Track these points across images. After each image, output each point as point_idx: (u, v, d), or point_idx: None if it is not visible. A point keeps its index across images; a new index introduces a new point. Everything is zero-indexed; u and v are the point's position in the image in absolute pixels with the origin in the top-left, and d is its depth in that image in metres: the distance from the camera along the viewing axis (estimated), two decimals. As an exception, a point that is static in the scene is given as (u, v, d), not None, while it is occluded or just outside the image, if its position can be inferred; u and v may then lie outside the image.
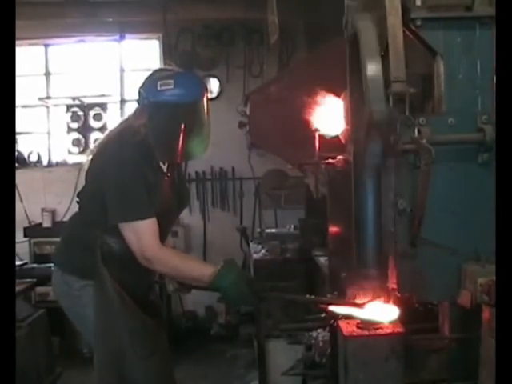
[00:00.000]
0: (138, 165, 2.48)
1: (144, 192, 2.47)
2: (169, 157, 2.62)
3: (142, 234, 2.45)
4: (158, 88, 2.46)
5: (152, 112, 2.50)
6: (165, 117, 2.48)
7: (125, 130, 2.59)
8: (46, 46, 6.61)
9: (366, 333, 1.88)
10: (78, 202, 2.76)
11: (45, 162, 6.57)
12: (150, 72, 2.60)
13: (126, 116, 2.69)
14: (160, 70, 2.64)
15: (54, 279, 2.75)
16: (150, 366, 2.55)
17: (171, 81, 2.46)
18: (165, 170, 2.66)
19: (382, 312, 1.92)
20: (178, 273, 2.52)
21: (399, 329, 1.89)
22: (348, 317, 1.99)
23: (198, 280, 2.46)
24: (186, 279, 2.55)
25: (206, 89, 2.62)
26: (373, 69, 1.68)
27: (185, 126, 2.50)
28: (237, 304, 2.46)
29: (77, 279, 2.62)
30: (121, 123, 2.70)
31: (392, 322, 1.91)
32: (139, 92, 2.55)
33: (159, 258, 2.47)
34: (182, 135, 2.51)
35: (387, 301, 1.93)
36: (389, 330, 1.89)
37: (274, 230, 5.49)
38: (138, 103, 2.58)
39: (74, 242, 2.69)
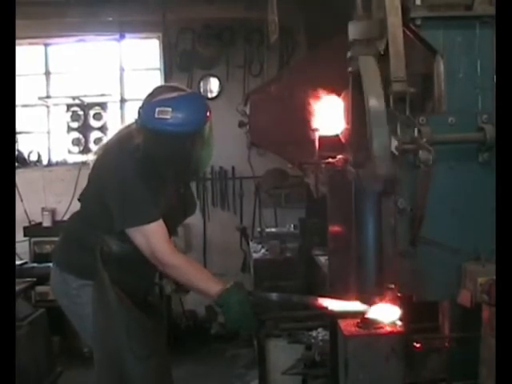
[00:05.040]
0: (140, 168, 2.48)
1: (147, 195, 2.46)
2: (167, 178, 2.60)
3: (151, 236, 2.44)
4: (156, 116, 2.37)
5: (149, 137, 2.44)
6: (161, 145, 2.43)
7: (127, 138, 2.56)
8: (46, 45, 6.61)
9: (367, 332, 1.88)
10: (79, 200, 2.76)
11: (45, 162, 6.57)
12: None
13: (131, 121, 2.65)
14: (161, 88, 2.56)
15: (53, 277, 2.75)
16: (148, 367, 2.55)
17: (169, 109, 2.36)
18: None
19: (384, 312, 1.93)
20: (188, 281, 2.49)
21: (399, 328, 1.89)
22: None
23: (204, 292, 2.43)
24: (192, 288, 2.53)
25: (207, 113, 2.51)
26: (380, 131, 1.65)
27: (182, 153, 2.46)
28: (236, 324, 2.40)
29: (75, 278, 2.62)
30: (126, 127, 2.68)
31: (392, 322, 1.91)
32: (138, 112, 2.49)
33: (173, 264, 2.45)
34: (179, 161, 2.49)
35: (389, 302, 1.93)
36: (389, 330, 1.89)
37: (274, 230, 5.49)
38: (136, 123, 2.51)
39: (74, 241, 2.69)
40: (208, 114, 2.52)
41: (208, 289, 2.41)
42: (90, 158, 2.71)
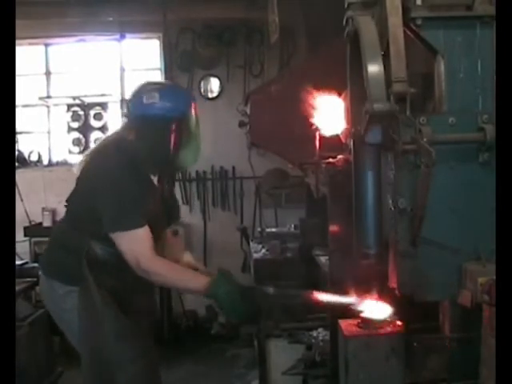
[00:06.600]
0: (129, 174, 2.49)
1: (134, 201, 2.47)
2: (157, 169, 2.64)
3: (134, 243, 2.44)
4: (144, 101, 2.48)
5: (139, 125, 2.53)
6: (150, 130, 2.51)
7: (115, 142, 2.61)
8: (47, 45, 6.62)
9: (367, 332, 1.88)
10: (66, 207, 2.75)
11: (45, 162, 6.58)
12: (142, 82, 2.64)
13: (117, 128, 2.71)
14: (147, 83, 2.64)
15: (41, 284, 2.77)
16: (135, 370, 2.54)
17: (156, 94, 2.49)
18: (155, 183, 2.68)
19: (376, 309, 1.94)
20: (175, 285, 2.55)
21: (399, 328, 1.90)
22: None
23: (194, 291, 2.47)
24: (181, 290, 2.55)
25: (192, 101, 2.63)
26: (374, 67, 1.68)
27: (171, 139, 2.52)
28: (232, 313, 2.43)
29: (61, 284, 2.61)
30: (112, 134, 2.73)
31: (387, 320, 1.92)
32: (127, 105, 2.59)
33: (155, 271, 2.45)
34: (168, 148, 2.54)
35: (381, 298, 1.94)
36: (389, 330, 1.89)
37: (274, 230, 5.49)
38: (126, 116, 2.61)
39: (60, 247, 2.69)
40: (193, 103, 2.61)
41: (196, 287, 2.45)
42: (79, 162, 2.72)
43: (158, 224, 2.63)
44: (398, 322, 1.92)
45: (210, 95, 6.40)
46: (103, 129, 6.33)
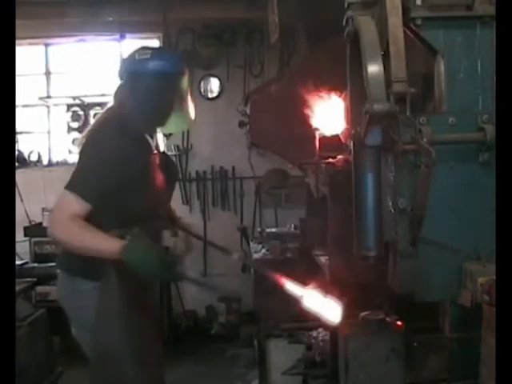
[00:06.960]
0: (119, 151, 2.46)
1: (100, 177, 2.44)
2: (151, 125, 2.66)
3: (63, 205, 2.40)
4: (136, 58, 2.56)
5: (132, 83, 2.59)
6: (143, 87, 2.56)
7: (109, 116, 2.62)
8: (47, 45, 6.61)
9: (367, 332, 1.88)
10: None
11: (45, 162, 6.57)
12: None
13: (109, 104, 2.74)
14: (141, 46, 2.69)
15: (60, 283, 2.71)
16: (143, 370, 2.53)
17: (149, 51, 2.57)
18: (153, 148, 2.68)
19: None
20: (84, 244, 2.39)
21: (399, 328, 1.90)
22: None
23: (106, 253, 2.37)
24: (93, 252, 2.42)
25: (183, 61, 2.70)
26: (374, 67, 1.68)
27: (163, 96, 2.58)
28: (149, 276, 2.44)
29: (85, 281, 2.58)
30: (106, 111, 2.72)
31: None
32: (120, 65, 2.66)
33: (61, 228, 2.39)
34: (160, 106, 2.60)
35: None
36: (389, 330, 1.89)
37: (274, 230, 5.48)
38: (119, 76, 2.65)
39: None
40: (185, 67, 2.66)
41: (108, 249, 2.36)
42: (76, 149, 2.74)
43: (160, 188, 2.61)
44: (398, 322, 1.93)
45: (209, 95, 6.40)
46: (103, 129, 6.32)
